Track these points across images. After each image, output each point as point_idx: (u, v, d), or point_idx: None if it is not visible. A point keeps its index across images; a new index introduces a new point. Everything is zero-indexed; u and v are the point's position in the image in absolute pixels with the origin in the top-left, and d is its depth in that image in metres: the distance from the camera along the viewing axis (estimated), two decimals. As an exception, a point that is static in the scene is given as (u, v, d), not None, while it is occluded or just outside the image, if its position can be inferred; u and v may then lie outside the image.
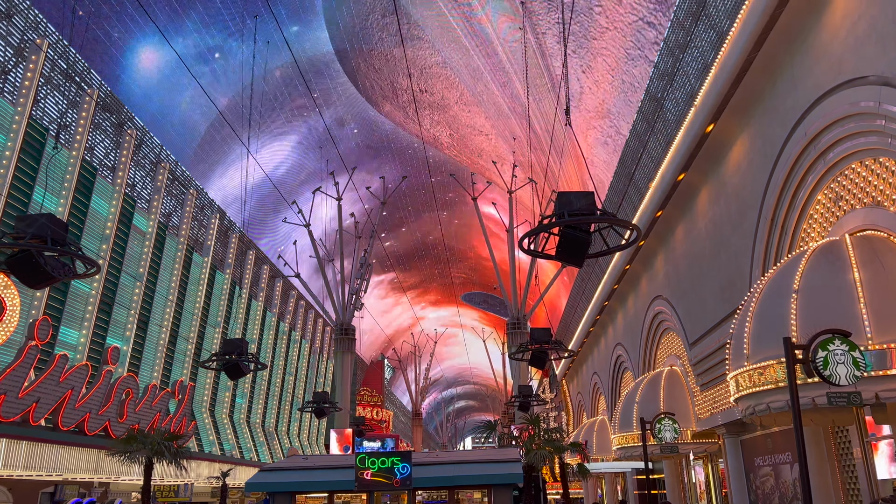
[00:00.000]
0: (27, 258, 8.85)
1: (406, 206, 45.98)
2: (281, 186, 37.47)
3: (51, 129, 20.96)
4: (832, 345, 8.07)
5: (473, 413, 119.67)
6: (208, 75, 29.70)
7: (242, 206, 35.12)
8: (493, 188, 37.08)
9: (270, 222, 41.08)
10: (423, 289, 66.11)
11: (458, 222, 50.11)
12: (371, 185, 41.27)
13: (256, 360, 17.48)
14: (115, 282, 24.98)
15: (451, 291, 64.53)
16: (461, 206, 43.15)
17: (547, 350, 18.49)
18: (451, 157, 41.85)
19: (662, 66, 15.92)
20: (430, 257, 57.78)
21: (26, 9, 19.50)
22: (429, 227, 51.32)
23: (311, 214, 36.83)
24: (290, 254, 40.79)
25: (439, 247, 53.61)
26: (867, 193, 9.92)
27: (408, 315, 69.76)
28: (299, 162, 39.06)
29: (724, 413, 15.12)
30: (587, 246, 8.22)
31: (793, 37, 11.18)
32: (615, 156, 23.80)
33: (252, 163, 32.42)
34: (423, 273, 61.88)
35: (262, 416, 41.11)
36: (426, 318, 72.65)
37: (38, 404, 19.54)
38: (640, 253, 21.48)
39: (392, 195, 40.97)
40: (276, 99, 33.78)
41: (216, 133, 32.29)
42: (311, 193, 37.09)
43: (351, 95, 36.40)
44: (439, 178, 43.11)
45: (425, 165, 40.83)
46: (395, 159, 42.09)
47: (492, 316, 70.23)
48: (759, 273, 12.72)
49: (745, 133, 13.48)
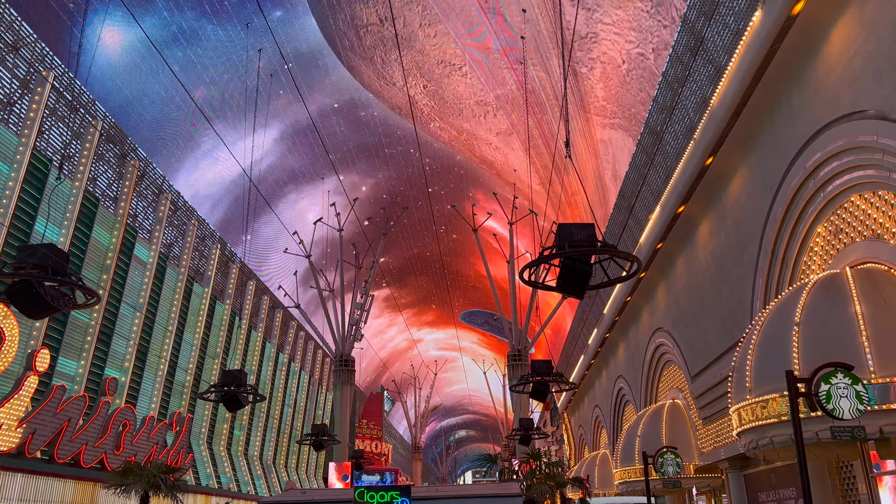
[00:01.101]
0: (27, 288, 8.86)
1: (401, 220, 44.12)
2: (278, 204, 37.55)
3: (54, 160, 21.10)
4: (835, 378, 8.01)
5: (473, 443, 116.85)
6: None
7: (245, 234, 35.22)
8: (492, 204, 36.60)
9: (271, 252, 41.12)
10: (420, 308, 63.37)
11: (457, 237, 48.21)
12: (364, 186, 40.24)
13: (255, 392, 17.37)
14: (114, 312, 24.92)
15: (450, 311, 61.44)
16: (460, 220, 41.84)
17: (548, 382, 18.36)
18: (450, 156, 40.22)
19: (661, 100, 16.07)
20: (427, 273, 55.28)
21: (33, 42, 19.76)
22: (425, 240, 48.90)
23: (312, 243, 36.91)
24: (290, 283, 40.79)
25: (436, 263, 51.50)
26: (867, 226, 9.94)
27: (403, 337, 66.90)
28: (292, 166, 39.01)
29: (727, 447, 14.95)
30: (588, 278, 8.22)
31: (790, 71, 11.31)
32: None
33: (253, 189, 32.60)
34: (420, 291, 58.91)
35: (259, 449, 40.67)
36: (423, 341, 69.63)
37: (34, 436, 19.36)
38: (640, 285, 21.45)
39: (388, 208, 39.97)
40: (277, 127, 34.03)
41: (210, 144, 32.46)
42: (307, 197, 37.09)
43: (345, 87, 35.29)
44: (436, 188, 41.89)
45: (422, 174, 39.67)
46: (388, 165, 40.72)
47: (492, 339, 67.65)
48: (761, 305, 12.68)
49: (745, 166, 13.56)
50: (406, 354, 71.19)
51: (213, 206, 34.84)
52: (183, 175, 31.60)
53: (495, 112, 33.96)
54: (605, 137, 27.00)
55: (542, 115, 30.54)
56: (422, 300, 61.15)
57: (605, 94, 25.03)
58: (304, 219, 39.37)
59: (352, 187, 40.03)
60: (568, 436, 45.11)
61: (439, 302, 61.07)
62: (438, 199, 42.41)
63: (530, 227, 33.59)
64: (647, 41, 20.65)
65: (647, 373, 22.19)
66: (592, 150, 28.45)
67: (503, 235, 36.72)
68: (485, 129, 35.93)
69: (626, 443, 19.48)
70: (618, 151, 26.27)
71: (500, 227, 39.27)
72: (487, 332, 67.57)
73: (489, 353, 70.22)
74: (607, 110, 25.57)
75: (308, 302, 42.76)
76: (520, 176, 36.46)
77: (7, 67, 19.17)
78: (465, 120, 35.74)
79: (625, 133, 25.03)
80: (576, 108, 26.98)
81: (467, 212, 37.92)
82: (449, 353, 72.98)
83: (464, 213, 38.78)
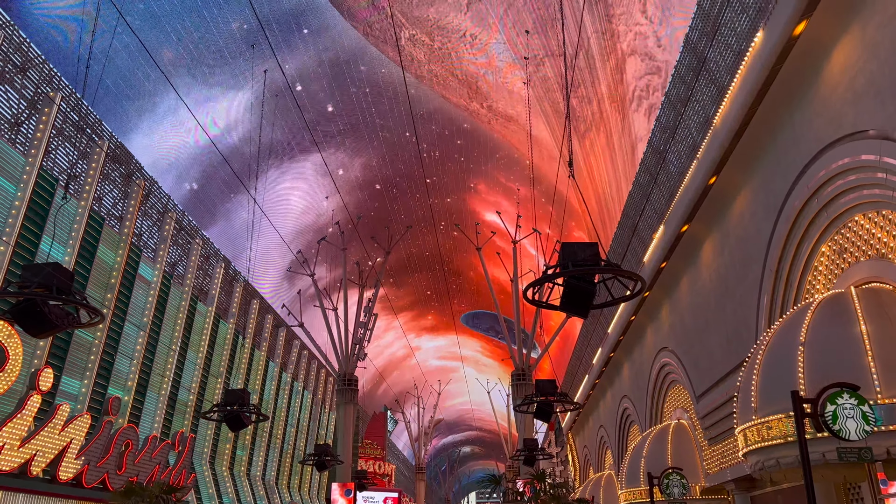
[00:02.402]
0: (31, 307, 8.88)
1: (398, 212, 41.58)
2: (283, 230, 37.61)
3: (60, 180, 21.23)
4: (841, 398, 7.96)
5: (477, 461, 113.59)
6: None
7: (248, 253, 35.27)
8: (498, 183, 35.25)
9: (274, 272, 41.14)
10: (419, 311, 59.38)
11: (458, 235, 44.95)
12: (354, 169, 37.87)
13: (258, 411, 17.31)
14: (118, 331, 24.92)
15: (450, 315, 57.32)
16: (460, 214, 40.06)
17: (552, 402, 18.28)
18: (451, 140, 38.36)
19: (664, 119, 16.14)
20: (425, 273, 51.44)
21: (41, 63, 19.97)
22: (424, 237, 45.78)
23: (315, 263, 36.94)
24: (293, 300, 40.78)
25: (435, 262, 48.11)
26: (871, 246, 9.92)
27: (401, 344, 62.42)
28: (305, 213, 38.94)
29: (734, 468, 14.82)
30: (591, 297, 8.21)
31: (792, 91, 11.36)
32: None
33: (259, 215, 32.71)
34: (417, 292, 55.17)
35: (262, 469, 40.43)
36: (422, 349, 65.84)
37: (36, 455, 19.29)
38: (644, 304, 21.40)
39: (379, 195, 38.28)
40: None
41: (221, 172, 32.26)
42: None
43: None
44: (434, 179, 39.92)
45: (419, 162, 37.64)
46: (381, 145, 38.04)
47: (495, 347, 63.82)
48: (765, 325, 12.64)
49: (748, 185, 13.57)
50: (405, 364, 67.28)
51: (179, 177, 32.84)
52: (139, 138, 29.14)
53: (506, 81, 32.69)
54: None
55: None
56: (420, 302, 57.28)
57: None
58: (288, 202, 37.56)
59: (342, 170, 37.48)
60: (573, 456, 44.76)
61: (439, 304, 57.37)
62: (437, 191, 39.99)
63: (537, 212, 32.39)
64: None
65: (651, 393, 22.07)
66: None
67: (509, 234, 35.97)
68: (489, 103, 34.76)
69: (631, 464, 19.32)
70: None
71: (504, 224, 38.09)
72: (491, 339, 63.83)
73: (492, 364, 66.41)
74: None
75: (311, 321, 42.67)
76: (524, 195, 36.53)
77: (15, 88, 19.36)
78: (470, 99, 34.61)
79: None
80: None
81: (471, 230, 37.88)
82: (450, 362, 69.12)
83: (466, 211, 38.47)
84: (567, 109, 14.61)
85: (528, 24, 27.76)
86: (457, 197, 41.34)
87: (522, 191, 36.61)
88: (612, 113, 26.06)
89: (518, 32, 29.03)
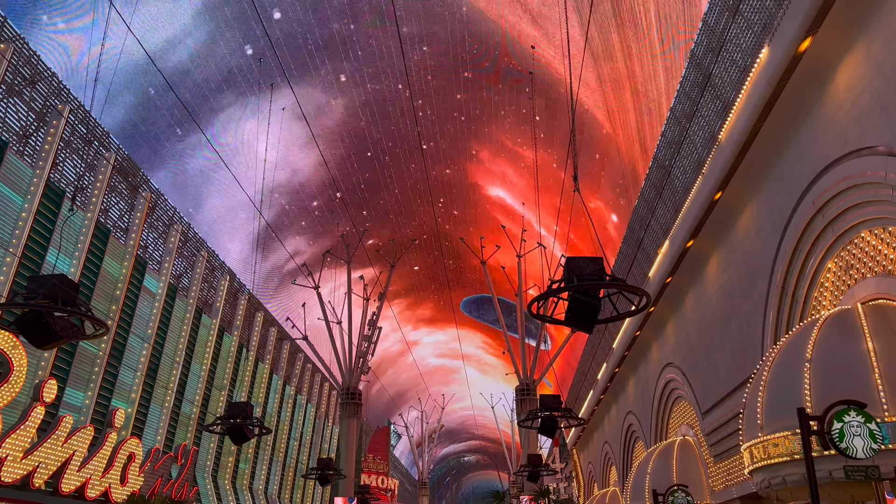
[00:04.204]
0: (37, 318, 8.89)
1: (391, 189, 36.07)
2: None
3: (67, 192, 21.34)
4: (848, 416, 7.90)
5: (479, 471, 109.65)
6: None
7: (253, 267, 35.30)
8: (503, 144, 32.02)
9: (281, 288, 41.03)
10: (414, 298, 51.84)
11: (458, 213, 40.61)
12: (333, 116, 31.64)
13: (261, 425, 17.25)
14: (122, 343, 24.95)
15: (449, 304, 51.07)
16: (462, 186, 35.48)
17: (557, 418, 18.15)
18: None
19: (669, 135, 16.16)
20: (421, 256, 45.00)
21: (49, 76, 20.13)
22: (420, 214, 40.17)
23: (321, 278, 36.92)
24: (297, 313, 40.73)
25: (432, 242, 42.51)
26: (878, 262, 9.89)
27: (396, 338, 54.53)
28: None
29: (739, 486, 14.70)
30: (596, 312, 8.18)
31: (798, 107, 11.37)
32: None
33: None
34: (412, 277, 48.20)
35: (265, 483, 40.26)
36: (420, 344, 58.42)
37: (39, 467, 19.25)
38: (650, 319, 21.33)
39: (369, 161, 33.52)
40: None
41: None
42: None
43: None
44: (433, 145, 34.30)
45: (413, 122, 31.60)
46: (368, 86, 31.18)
47: (500, 341, 55.12)
48: (771, 341, 12.58)
49: (754, 201, 13.56)
50: (402, 361, 60.06)
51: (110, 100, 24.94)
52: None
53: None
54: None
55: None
56: (416, 287, 49.79)
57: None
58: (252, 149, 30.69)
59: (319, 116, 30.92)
60: (577, 472, 44.47)
61: (437, 291, 50.52)
62: (435, 158, 34.55)
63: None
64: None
65: (657, 409, 21.94)
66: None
67: (516, 211, 34.21)
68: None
69: (636, 480, 19.18)
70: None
71: (511, 200, 35.72)
72: (492, 328, 56.31)
73: (496, 363, 60.30)
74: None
75: (315, 334, 42.56)
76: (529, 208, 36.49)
77: (24, 101, 19.52)
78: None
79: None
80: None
81: (476, 243, 37.84)
82: (450, 360, 62.42)
83: (471, 245, 38.59)
84: (573, 123, 14.37)
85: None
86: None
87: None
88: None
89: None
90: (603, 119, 27.97)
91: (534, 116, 30.35)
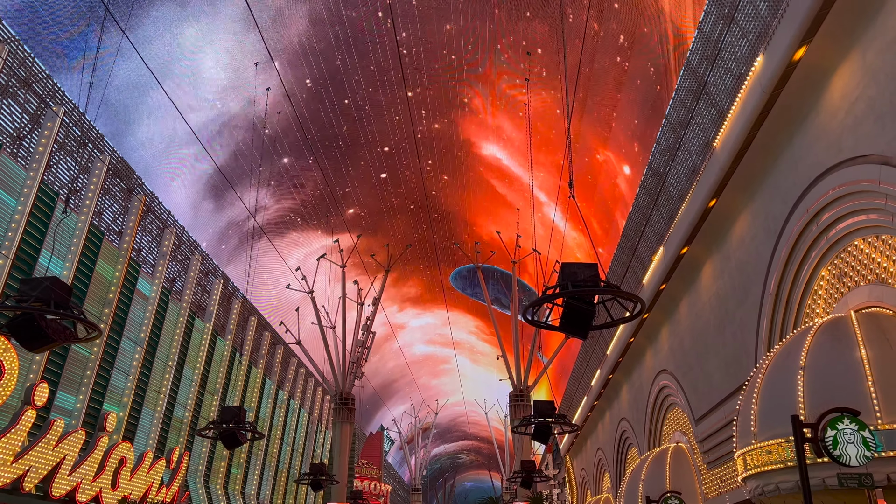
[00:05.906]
0: (29, 321, 8.83)
1: (375, 148, 31.62)
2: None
3: (61, 194, 21.25)
4: (841, 424, 7.90)
5: (471, 470, 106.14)
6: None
7: (247, 272, 35.21)
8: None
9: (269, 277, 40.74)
10: (399, 273, 45.37)
11: (448, 178, 36.59)
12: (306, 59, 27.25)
13: (254, 429, 17.19)
14: (115, 346, 24.82)
15: (438, 283, 46.24)
16: (454, 153, 32.09)
17: (550, 424, 18.13)
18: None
19: (664, 142, 16.21)
20: (407, 224, 40.15)
21: (44, 78, 20.07)
22: (407, 179, 35.90)
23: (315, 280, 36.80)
24: (290, 317, 40.61)
25: (420, 211, 38.21)
26: (871, 270, 9.92)
27: (380, 320, 45.79)
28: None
29: (733, 493, 14.70)
30: (591, 318, 8.18)
31: (792, 115, 11.42)
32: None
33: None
34: (396, 244, 41.56)
35: (257, 488, 40.07)
36: (406, 328, 52.97)
37: (29, 471, 19.11)
38: (644, 326, 21.35)
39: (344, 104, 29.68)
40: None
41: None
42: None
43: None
44: (418, 92, 30.21)
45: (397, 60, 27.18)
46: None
47: (492, 325, 47.35)
48: (765, 348, 12.60)
49: (748, 208, 13.60)
50: (386, 347, 53.74)
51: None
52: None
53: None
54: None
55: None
56: (401, 260, 42.06)
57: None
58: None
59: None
60: (570, 479, 44.42)
61: (425, 265, 44.96)
62: (421, 107, 30.24)
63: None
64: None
65: (650, 415, 21.94)
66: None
67: (514, 174, 32.51)
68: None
69: (629, 487, 19.16)
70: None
71: (507, 159, 33.07)
72: (487, 311, 48.07)
73: (488, 351, 55.31)
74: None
75: (308, 338, 42.40)
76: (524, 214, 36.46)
77: (18, 102, 19.45)
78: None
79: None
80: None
81: (471, 248, 37.80)
82: (440, 349, 56.77)
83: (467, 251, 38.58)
84: (568, 131, 14.47)
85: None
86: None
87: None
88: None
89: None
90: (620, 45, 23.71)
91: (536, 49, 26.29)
